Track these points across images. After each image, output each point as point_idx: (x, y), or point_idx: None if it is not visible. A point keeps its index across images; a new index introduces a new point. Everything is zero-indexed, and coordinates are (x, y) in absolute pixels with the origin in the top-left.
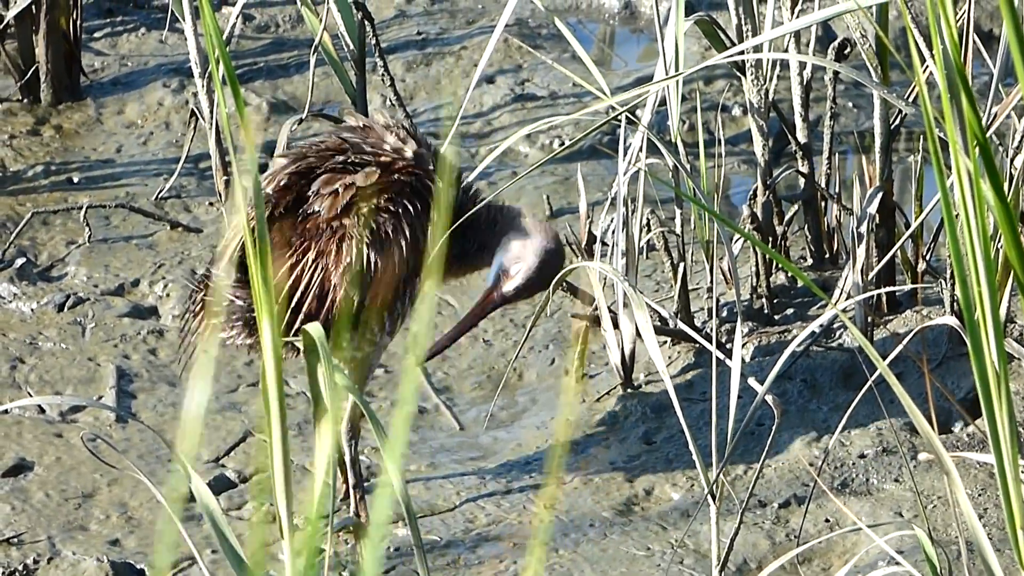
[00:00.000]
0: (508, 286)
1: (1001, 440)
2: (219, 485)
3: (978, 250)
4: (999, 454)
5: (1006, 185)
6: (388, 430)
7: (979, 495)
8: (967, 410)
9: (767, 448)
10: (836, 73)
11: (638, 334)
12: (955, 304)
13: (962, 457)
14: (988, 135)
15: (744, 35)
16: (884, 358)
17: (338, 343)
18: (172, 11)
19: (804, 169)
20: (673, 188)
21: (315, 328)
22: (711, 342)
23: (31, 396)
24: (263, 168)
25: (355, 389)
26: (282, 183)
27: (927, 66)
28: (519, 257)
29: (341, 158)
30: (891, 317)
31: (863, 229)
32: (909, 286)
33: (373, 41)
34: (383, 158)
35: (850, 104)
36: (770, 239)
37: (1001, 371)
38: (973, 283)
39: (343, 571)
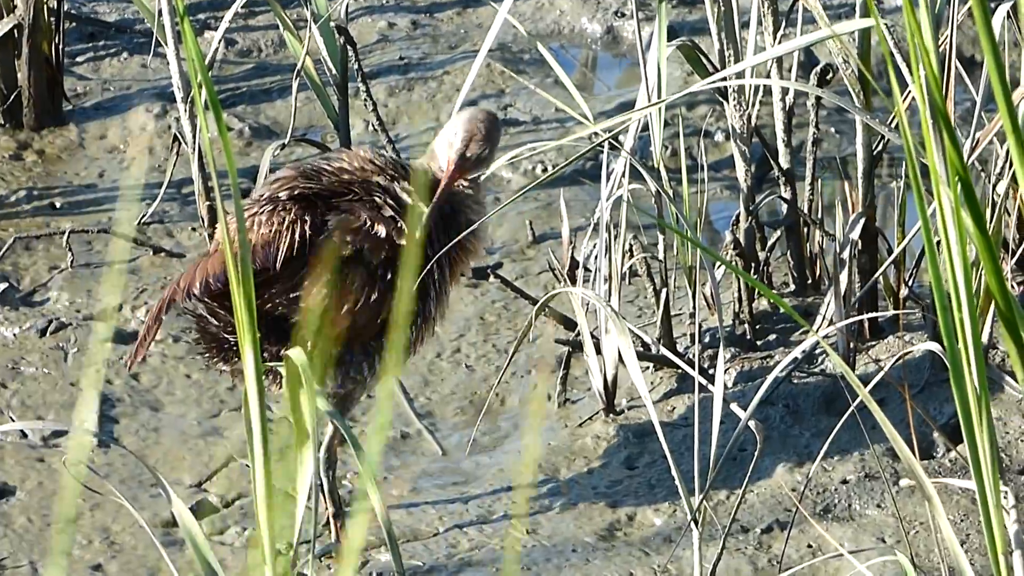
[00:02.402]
0: (454, 151)
1: (982, 466)
2: (202, 510)
3: (959, 278)
4: (980, 480)
5: (988, 212)
6: (369, 455)
7: (961, 521)
8: (949, 436)
9: (749, 474)
10: (818, 99)
11: (620, 360)
12: (937, 330)
13: (944, 483)
14: (970, 161)
15: (727, 61)
16: (866, 384)
17: (320, 380)
18: (155, 36)
19: (787, 195)
20: (655, 218)
21: (297, 354)
22: (693, 368)
23: (13, 421)
24: (245, 193)
25: (337, 415)
26: (296, 193)
27: (908, 92)
28: (454, 131)
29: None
30: (873, 343)
31: (845, 255)
32: (891, 312)
33: (356, 66)
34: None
35: (832, 130)
36: (752, 265)
37: (982, 397)
38: (954, 311)
39: None
